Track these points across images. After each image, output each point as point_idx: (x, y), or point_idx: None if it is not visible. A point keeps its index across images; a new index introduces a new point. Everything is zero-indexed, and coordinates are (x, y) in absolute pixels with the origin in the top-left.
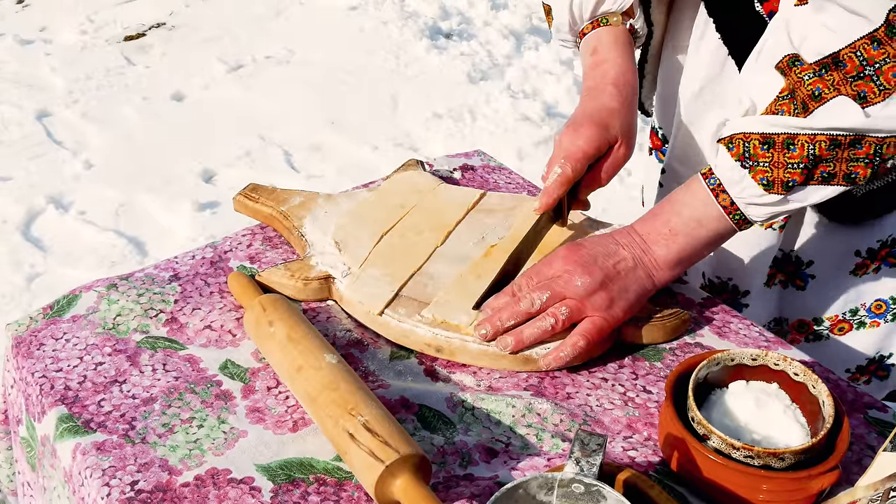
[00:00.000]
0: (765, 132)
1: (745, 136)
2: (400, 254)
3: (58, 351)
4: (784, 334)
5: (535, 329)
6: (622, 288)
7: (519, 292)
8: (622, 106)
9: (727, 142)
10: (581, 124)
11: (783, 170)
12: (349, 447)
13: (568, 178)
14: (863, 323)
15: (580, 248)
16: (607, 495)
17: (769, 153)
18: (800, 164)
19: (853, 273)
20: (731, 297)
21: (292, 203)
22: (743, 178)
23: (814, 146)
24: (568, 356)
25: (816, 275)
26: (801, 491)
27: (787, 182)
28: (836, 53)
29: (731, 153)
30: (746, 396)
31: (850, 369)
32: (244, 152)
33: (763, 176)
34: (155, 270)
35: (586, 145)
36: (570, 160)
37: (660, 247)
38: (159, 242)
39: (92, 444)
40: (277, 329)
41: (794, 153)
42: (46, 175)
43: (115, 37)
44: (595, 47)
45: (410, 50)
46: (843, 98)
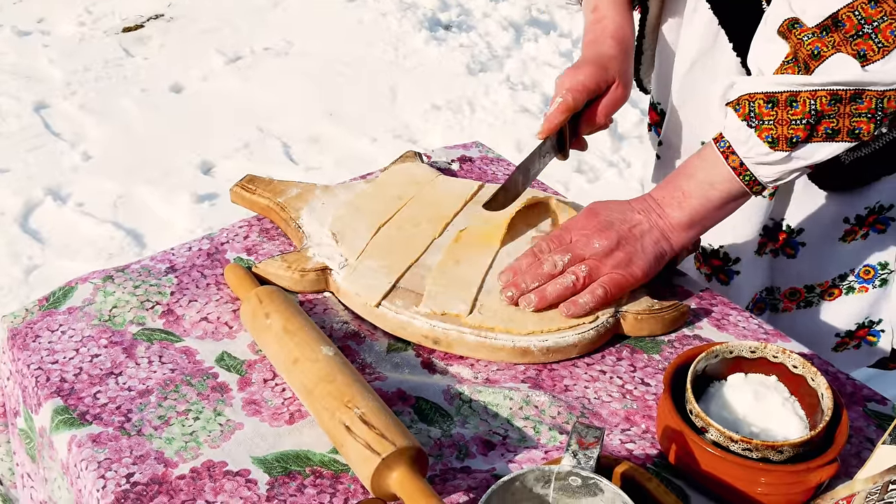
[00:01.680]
0: (768, 91)
1: (751, 96)
2: (397, 245)
3: (53, 343)
4: (776, 303)
5: (557, 286)
6: (639, 248)
7: (541, 254)
8: (619, 54)
9: (734, 104)
10: (581, 65)
11: (787, 126)
12: (345, 439)
13: (569, 106)
14: (851, 288)
15: (597, 214)
16: (604, 488)
17: (773, 111)
18: (802, 119)
19: (842, 240)
20: (722, 263)
21: (289, 194)
22: (749, 138)
23: (815, 101)
24: (588, 303)
25: (807, 242)
26: (799, 484)
27: (790, 138)
28: (835, 14)
29: (738, 114)
30: (745, 389)
31: (839, 334)
32: (242, 144)
33: (768, 133)
34: (151, 262)
35: (586, 79)
36: (572, 91)
37: (674, 209)
38: (157, 234)
39: (87, 437)
40: (274, 321)
41: (797, 110)
42: (44, 167)
43: (114, 28)
44: (596, 5)
45: (409, 41)
46: (842, 55)
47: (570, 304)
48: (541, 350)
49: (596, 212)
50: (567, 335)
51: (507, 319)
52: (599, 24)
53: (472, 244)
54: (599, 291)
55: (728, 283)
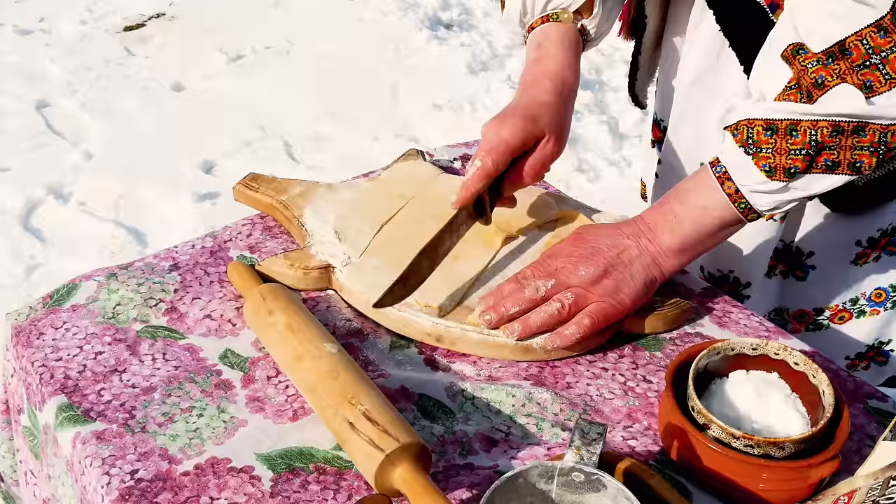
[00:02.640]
0: (768, 118)
1: (749, 122)
2: (400, 243)
3: (57, 340)
4: (784, 324)
5: (541, 314)
6: (628, 276)
7: (524, 280)
8: (555, 101)
9: (733, 129)
10: (507, 116)
11: (785, 156)
12: (349, 436)
13: (488, 172)
14: (863, 311)
15: (584, 240)
16: (607, 484)
17: (772, 139)
18: (802, 150)
19: (854, 263)
20: (732, 288)
21: (292, 193)
22: (746, 165)
23: (816, 132)
24: (574, 334)
25: (817, 265)
26: (800, 480)
27: (788, 169)
28: (842, 41)
29: (736, 139)
30: (747, 386)
31: (849, 356)
32: (244, 143)
33: (766, 162)
34: (155, 260)
35: (510, 137)
36: (492, 153)
37: (665, 234)
38: (159, 233)
39: (92, 433)
40: (277, 318)
41: (797, 139)
42: (46, 166)
43: (115, 27)
44: (540, 42)
45: (410, 40)
46: (847, 85)
47: (556, 337)
48: (543, 347)
49: (583, 237)
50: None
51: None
52: (540, 64)
53: (474, 242)
54: (586, 321)
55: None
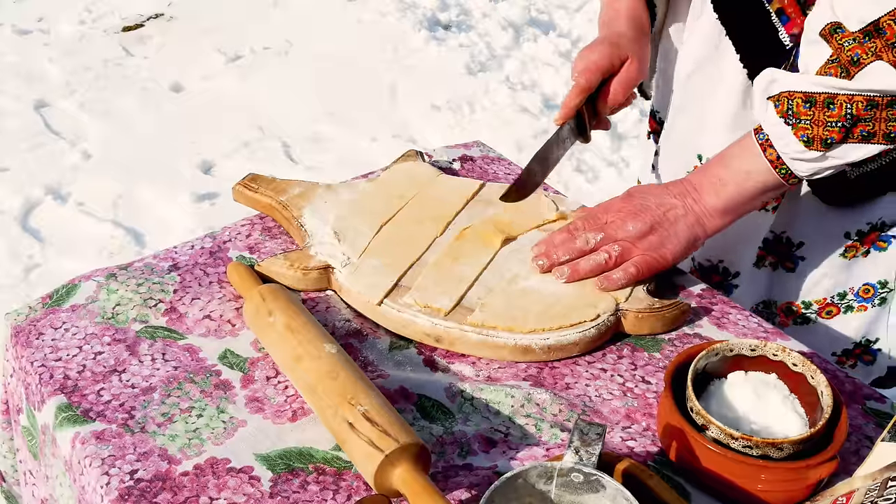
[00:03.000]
0: (807, 91)
1: (790, 94)
2: (399, 244)
3: (57, 340)
4: (773, 317)
5: (590, 262)
6: (672, 233)
7: (575, 231)
8: (632, 31)
9: (775, 99)
10: (595, 45)
11: (823, 127)
12: (348, 436)
13: (583, 88)
14: (850, 307)
15: (633, 197)
16: (606, 484)
17: (810, 111)
18: (838, 122)
19: (843, 255)
20: (722, 278)
21: (292, 193)
22: (786, 134)
23: (851, 106)
24: (620, 279)
25: (806, 256)
26: (799, 481)
27: (825, 139)
28: (876, 21)
29: (777, 110)
30: (745, 387)
31: (836, 352)
32: (242, 143)
33: (804, 133)
34: (154, 260)
35: (599, 58)
36: (585, 72)
37: (710, 195)
38: (157, 233)
39: (91, 433)
40: (277, 319)
41: (833, 112)
42: (44, 166)
43: (114, 27)
44: None
45: (409, 41)
46: (881, 63)
47: (604, 279)
48: (542, 348)
49: (632, 195)
50: (568, 333)
51: (508, 318)
52: (613, 6)
53: (474, 243)
54: (632, 269)
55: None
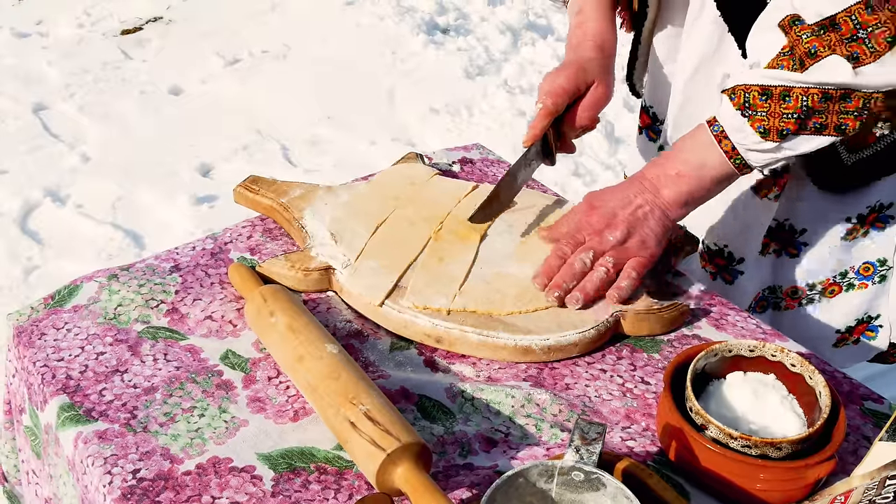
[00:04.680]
0: (763, 84)
1: (746, 87)
2: (395, 245)
3: (59, 340)
4: (778, 301)
5: (594, 281)
6: (648, 229)
7: (567, 257)
8: (599, 55)
9: (730, 92)
10: (561, 69)
11: (778, 119)
12: (350, 436)
13: (549, 111)
14: (851, 285)
15: (595, 206)
16: (607, 483)
17: (767, 103)
18: (794, 114)
19: (844, 238)
20: (726, 263)
21: (292, 195)
22: (743, 126)
23: (807, 98)
24: (628, 287)
25: (809, 242)
26: (797, 480)
27: (781, 130)
28: (833, 16)
29: (733, 102)
30: (744, 387)
31: (839, 330)
32: (241, 146)
33: (760, 124)
34: (156, 261)
35: (565, 82)
36: (551, 95)
37: (669, 189)
38: (156, 236)
39: (94, 433)
40: (279, 319)
41: (790, 104)
42: (43, 168)
43: (112, 30)
44: (581, 8)
45: (407, 45)
46: (836, 57)
47: (616, 291)
48: (542, 349)
49: (593, 205)
50: (568, 335)
51: (486, 302)
52: (581, 28)
53: (453, 241)
54: (633, 274)
55: (732, 282)
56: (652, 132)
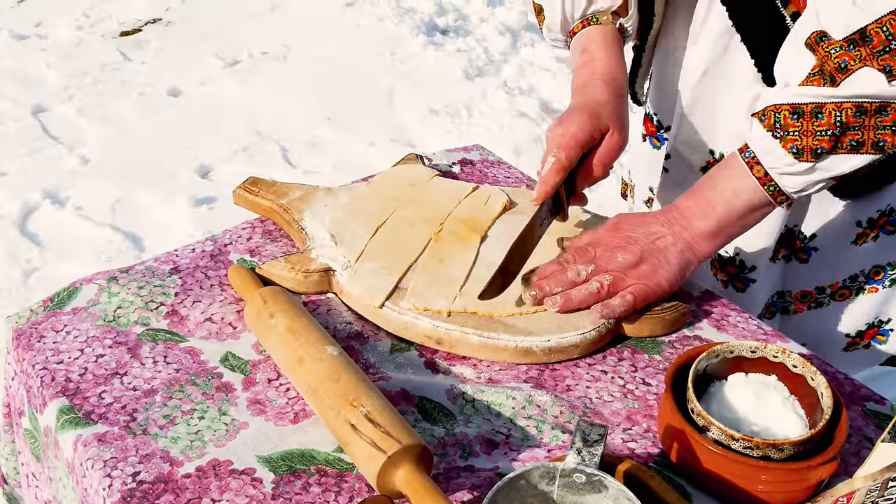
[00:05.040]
0: (794, 102)
1: (776, 107)
2: (395, 246)
3: (58, 343)
4: (787, 305)
5: (582, 291)
6: (663, 260)
7: (566, 264)
8: (611, 97)
9: (759, 115)
10: (571, 114)
11: (812, 137)
12: (351, 438)
13: (563, 166)
14: (861, 289)
15: (620, 228)
16: (609, 485)
17: (798, 122)
18: (827, 131)
19: (854, 243)
20: (738, 271)
21: (292, 196)
22: (774, 148)
23: (840, 113)
24: (619, 307)
25: (819, 247)
26: (799, 482)
27: (815, 150)
28: (863, 29)
29: (763, 125)
30: (745, 388)
31: (849, 334)
32: (241, 148)
33: (793, 144)
34: (155, 263)
35: (578, 131)
36: (564, 148)
37: (699, 220)
38: (156, 237)
39: (93, 436)
40: (279, 321)
41: (822, 121)
42: (43, 170)
43: (111, 32)
44: (585, 46)
45: (406, 46)
46: (869, 69)
47: (603, 307)
48: (543, 350)
49: (619, 226)
50: (569, 336)
51: (487, 303)
52: (588, 67)
53: (453, 242)
54: (629, 297)
55: (744, 290)
56: (656, 140)
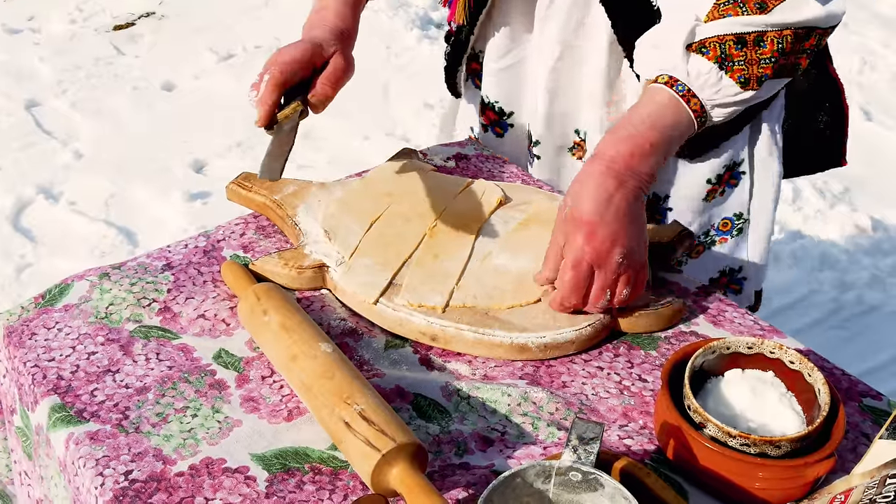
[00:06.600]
0: (738, 32)
1: (720, 38)
2: (389, 242)
3: (50, 340)
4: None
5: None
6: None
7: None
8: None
9: (697, 46)
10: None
11: (756, 66)
12: (345, 436)
13: (277, 81)
14: (713, 241)
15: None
16: (605, 483)
17: (743, 52)
18: (770, 58)
19: (705, 199)
20: None
21: (286, 192)
22: (721, 79)
23: (782, 41)
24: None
25: (674, 207)
26: (796, 478)
27: (760, 77)
28: None
29: (708, 56)
30: (742, 385)
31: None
32: (235, 142)
33: (741, 74)
34: (147, 259)
35: (294, 52)
36: (278, 64)
37: (643, 163)
38: (150, 233)
39: (85, 434)
40: (272, 318)
41: (765, 49)
42: (36, 165)
43: (104, 26)
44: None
45: (401, 39)
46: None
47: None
48: (538, 347)
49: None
50: (564, 332)
51: (486, 297)
52: (318, 15)
53: (448, 238)
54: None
55: None
56: (499, 128)
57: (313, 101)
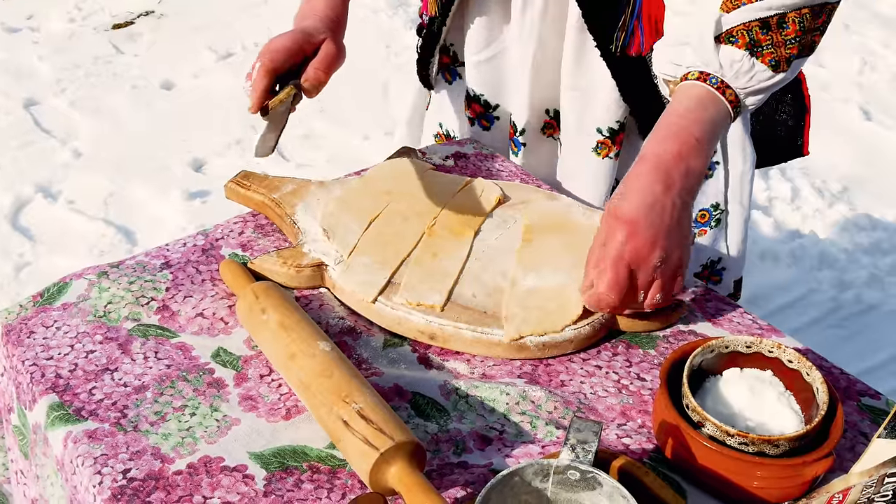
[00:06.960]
0: (761, 17)
1: (746, 25)
2: (388, 241)
3: (48, 339)
4: None
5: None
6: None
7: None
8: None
9: (726, 36)
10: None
11: (783, 47)
12: (343, 434)
13: (268, 69)
14: (694, 235)
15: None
16: (603, 482)
17: (769, 35)
18: (795, 38)
19: None
20: None
21: (284, 190)
22: (753, 66)
23: (802, 19)
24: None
25: None
26: (795, 478)
27: (788, 58)
28: None
29: (737, 45)
30: (741, 384)
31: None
32: (234, 141)
33: (771, 57)
34: (146, 258)
35: (286, 41)
36: (269, 52)
37: (694, 159)
38: (149, 231)
39: (83, 433)
40: (270, 316)
41: (789, 30)
42: (35, 164)
43: (103, 25)
44: None
45: (401, 39)
46: None
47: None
48: (537, 345)
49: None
50: (563, 331)
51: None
52: (309, 4)
53: (446, 237)
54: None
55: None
56: (485, 121)
57: (306, 85)
